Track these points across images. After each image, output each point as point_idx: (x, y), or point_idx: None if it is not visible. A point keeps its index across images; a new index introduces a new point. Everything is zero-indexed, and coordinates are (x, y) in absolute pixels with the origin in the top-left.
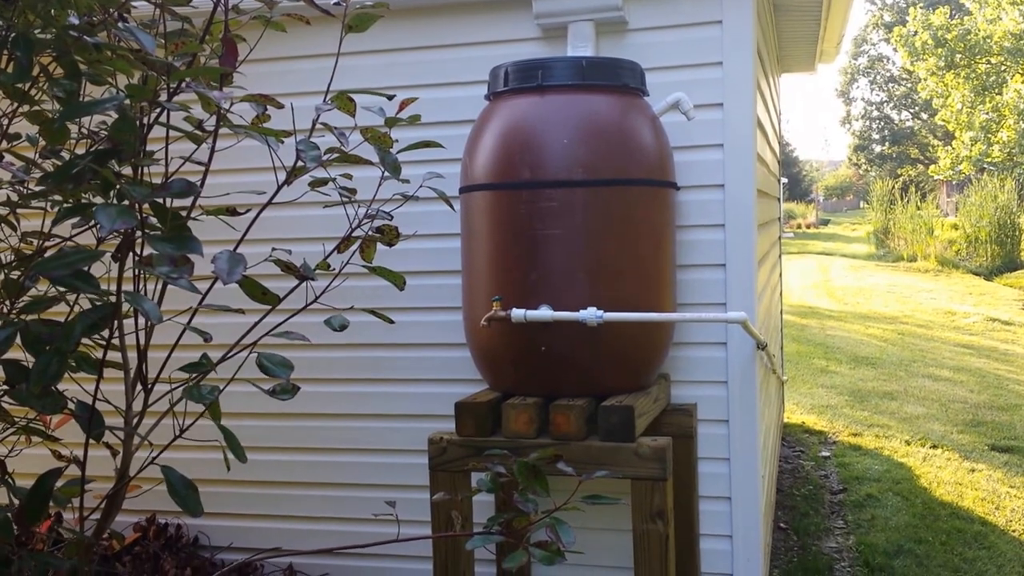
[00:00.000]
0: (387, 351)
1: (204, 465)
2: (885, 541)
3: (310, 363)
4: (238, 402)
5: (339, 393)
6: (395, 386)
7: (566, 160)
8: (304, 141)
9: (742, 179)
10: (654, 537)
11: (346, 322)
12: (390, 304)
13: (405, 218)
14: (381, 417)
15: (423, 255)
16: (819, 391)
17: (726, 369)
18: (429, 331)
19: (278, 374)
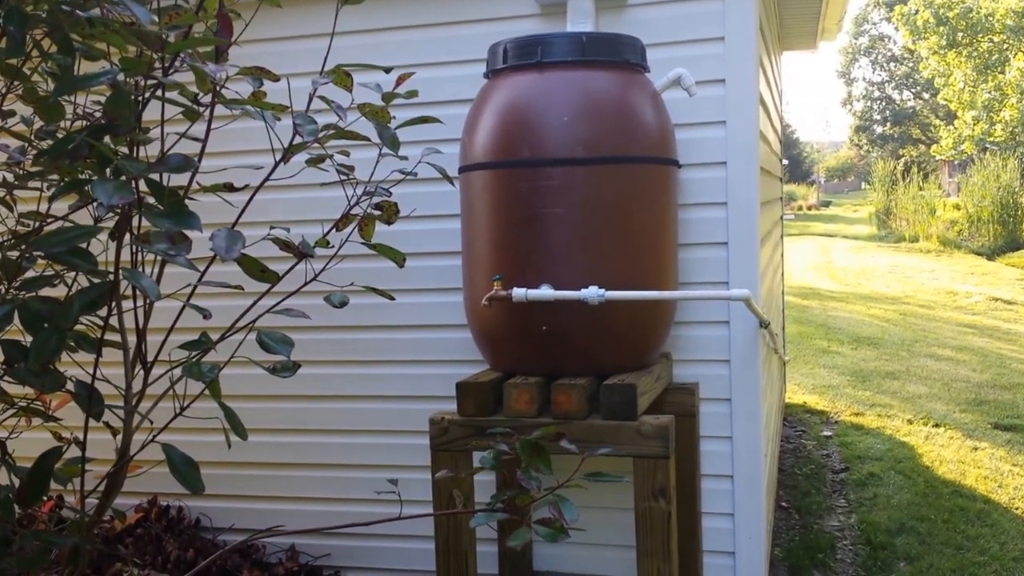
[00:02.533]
0: (387, 332)
1: (205, 447)
2: (887, 519)
3: (313, 345)
4: (239, 384)
5: (339, 375)
6: (395, 367)
7: (566, 138)
8: (301, 115)
9: (744, 157)
10: (656, 515)
11: (346, 299)
12: (391, 285)
13: (404, 198)
14: (382, 399)
15: (423, 236)
16: (821, 371)
17: (728, 348)
18: (430, 312)
19: (279, 351)
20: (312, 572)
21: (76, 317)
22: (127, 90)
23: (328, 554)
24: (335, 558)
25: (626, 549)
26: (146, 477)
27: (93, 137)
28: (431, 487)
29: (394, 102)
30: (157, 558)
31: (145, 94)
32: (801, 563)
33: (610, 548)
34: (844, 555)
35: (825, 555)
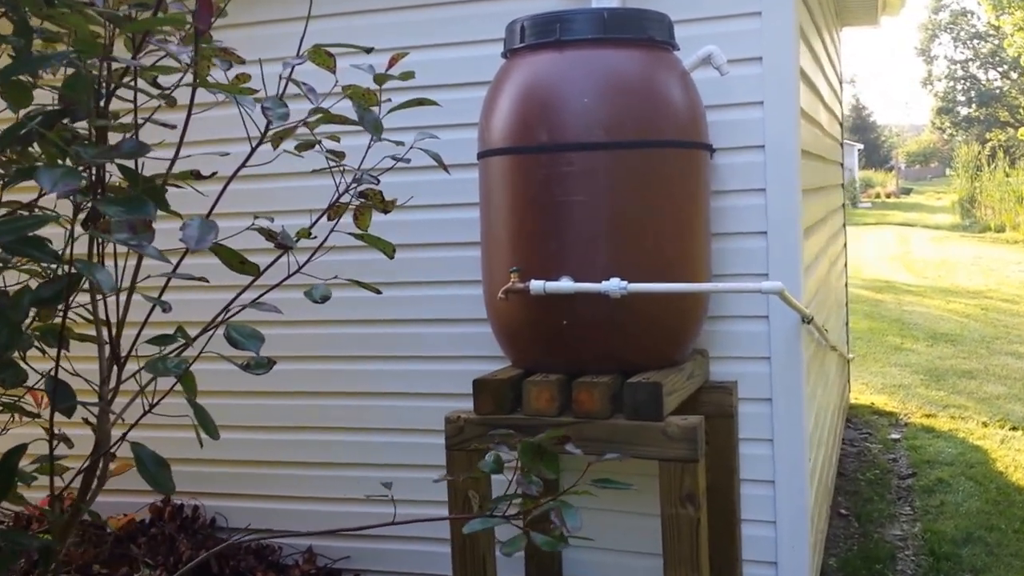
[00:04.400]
0: (405, 327)
1: (222, 446)
2: (954, 528)
3: (326, 340)
4: (256, 381)
5: (356, 371)
6: (416, 363)
7: (586, 121)
8: (271, 99)
9: (785, 138)
10: (684, 522)
11: (328, 293)
12: (401, 278)
13: (415, 186)
14: (402, 395)
15: (438, 226)
16: (892, 370)
17: (768, 344)
18: (447, 305)
19: (247, 347)
20: (330, 575)
21: (26, 310)
22: (85, 72)
23: (347, 556)
24: (355, 560)
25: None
26: None
27: (50, 122)
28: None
29: (409, 83)
30: (169, 558)
31: (108, 75)
32: (857, 574)
33: (645, 556)
34: (905, 566)
35: (884, 566)
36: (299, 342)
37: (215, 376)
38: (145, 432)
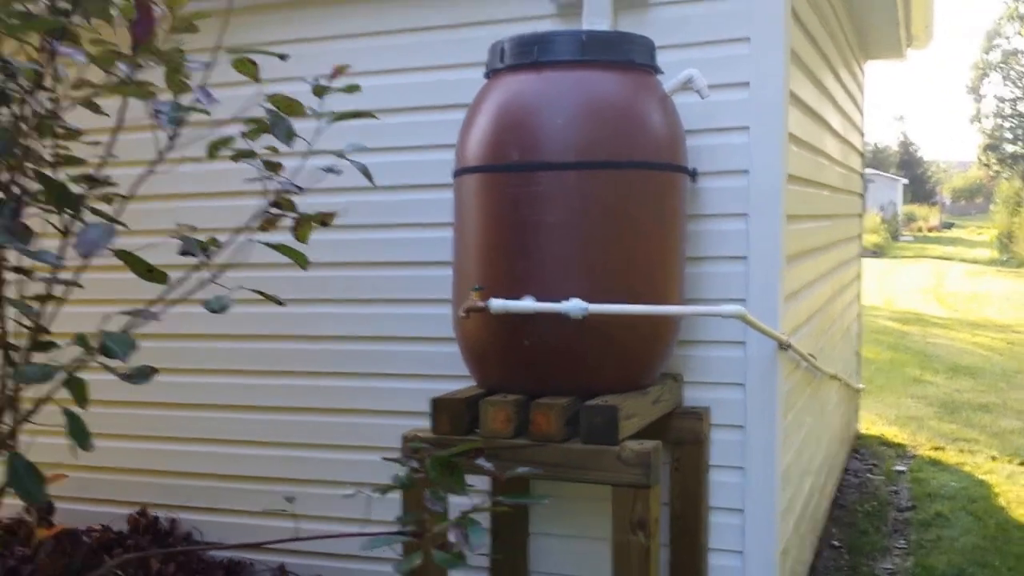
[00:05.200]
0: (378, 344)
1: (200, 458)
2: (946, 564)
3: (298, 355)
4: (231, 394)
5: (322, 387)
6: (388, 381)
7: (557, 141)
8: (168, 103)
9: (769, 164)
10: (634, 549)
11: (227, 304)
12: (372, 295)
13: (389, 206)
14: (366, 413)
15: (415, 245)
16: (907, 401)
17: (744, 370)
18: (418, 324)
19: (117, 353)
20: None
21: None
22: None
23: (318, 574)
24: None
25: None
26: (137, 487)
27: None
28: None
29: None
30: (139, 572)
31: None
32: None
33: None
34: None
35: None
36: (276, 357)
37: (199, 389)
38: (122, 443)
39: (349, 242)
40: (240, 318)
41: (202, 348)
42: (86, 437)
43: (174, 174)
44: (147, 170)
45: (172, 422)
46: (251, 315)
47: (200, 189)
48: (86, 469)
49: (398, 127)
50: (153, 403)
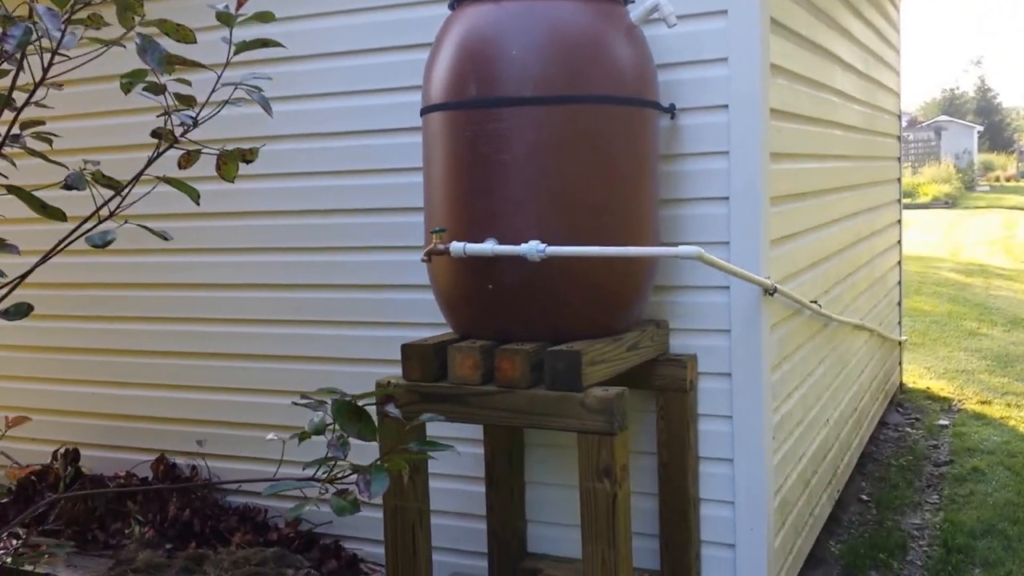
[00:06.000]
0: (349, 292)
1: (218, 407)
2: (976, 519)
3: (298, 304)
4: (247, 343)
5: (293, 335)
6: (371, 329)
7: (515, 75)
8: (21, 26)
9: (749, 98)
10: (600, 496)
11: (109, 239)
12: (353, 244)
13: (361, 151)
14: (354, 361)
15: (387, 191)
16: (960, 355)
17: (728, 316)
18: (394, 271)
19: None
20: (311, 539)
21: None
22: None
23: (330, 521)
24: (336, 526)
25: (636, 536)
26: (161, 435)
27: None
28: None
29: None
30: (157, 516)
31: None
32: (859, 562)
33: None
34: (915, 556)
35: (890, 555)
36: (296, 305)
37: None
38: (144, 391)
39: (318, 190)
40: (269, 266)
41: (219, 298)
42: None
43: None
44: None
45: (188, 371)
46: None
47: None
48: (112, 417)
49: (361, 69)
50: (172, 352)
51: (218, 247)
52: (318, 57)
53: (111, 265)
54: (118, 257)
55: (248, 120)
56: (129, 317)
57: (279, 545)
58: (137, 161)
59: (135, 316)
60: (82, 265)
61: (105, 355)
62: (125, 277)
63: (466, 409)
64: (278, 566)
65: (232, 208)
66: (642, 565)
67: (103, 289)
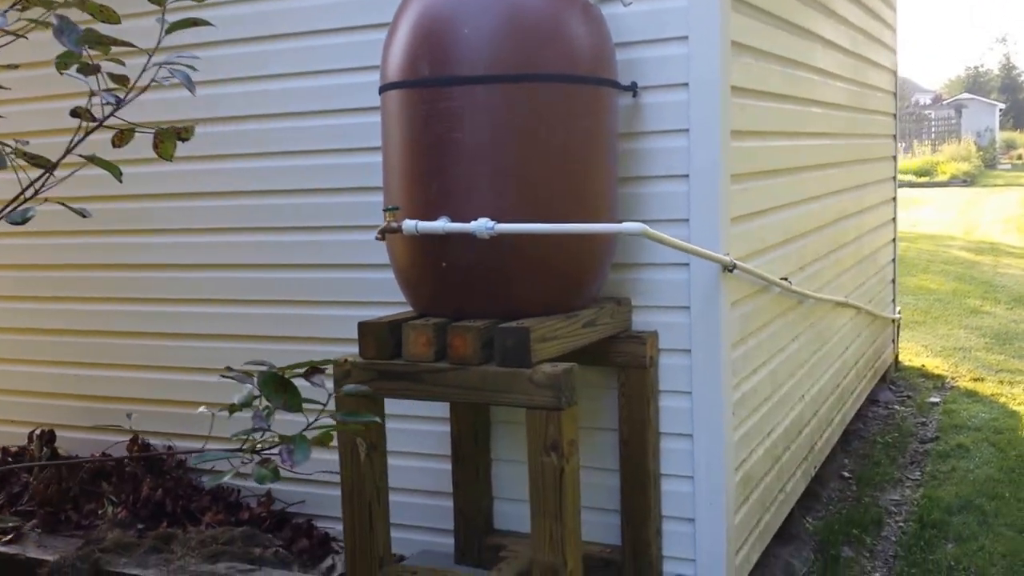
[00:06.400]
0: (312, 272)
1: (180, 387)
2: (954, 495)
3: (267, 284)
4: (210, 323)
5: (262, 315)
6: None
7: (467, 53)
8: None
9: (708, 75)
10: (548, 471)
11: (28, 216)
12: (325, 223)
13: (322, 132)
14: (310, 340)
15: (349, 171)
16: (959, 332)
17: (688, 293)
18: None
19: None
20: (283, 519)
21: None
22: None
23: (302, 501)
24: (308, 506)
25: (594, 511)
26: (137, 417)
27: None
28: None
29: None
30: (130, 496)
31: None
32: (833, 537)
33: (585, 510)
34: (890, 532)
35: (864, 531)
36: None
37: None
38: (121, 372)
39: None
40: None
41: (188, 278)
42: None
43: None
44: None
45: (160, 352)
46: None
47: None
48: (88, 399)
49: (321, 49)
50: (146, 333)
51: (186, 227)
52: (280, 37)
53: (84, 246)
54: (90, 238)
55: (209, 101)
56: (103, 298)
57: (250, 524)
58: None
59: (109, 297)
60: (53, 247)
61: (80, 336)
62: (98, 258)
63: (420, 386)
64: (245, 545)
65: (199, 189)
66: (603, 540)
67: (76, 270)
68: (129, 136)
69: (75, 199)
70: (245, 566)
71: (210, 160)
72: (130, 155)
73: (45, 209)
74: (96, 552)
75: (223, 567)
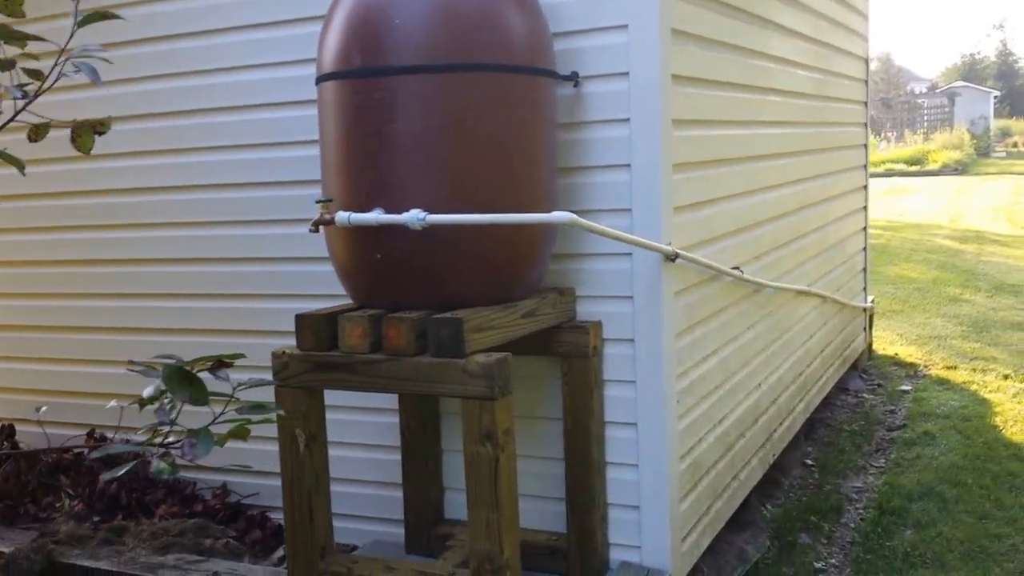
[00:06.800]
0: (257, 265)
1: (131, 381)
2: (916, 482)
3: (210, 278)
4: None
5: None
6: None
7: (399, 43)
8: None
9: (647, 64)
10: (483, 461)
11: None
12: (257, 217)
13: (264, 125)
14: (249, 333)
15: (292, 164)
16: (936, 321)
17: (631, 283)
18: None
19: None
20: (238, 510)
21: None
22: None
23: (256, 493)
24: (263, 498)
25: (540, 500)
26: (88, 410)
27: None
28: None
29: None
30: (86, 489)
31: None
32: (790, 524)
33: (531, 499)
34: (850, 519)
35: (823, 517)
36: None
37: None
38: (76, 367)
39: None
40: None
41: (131, 273)
42: None
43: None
44: None
45: (111, 347)
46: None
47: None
48: (47, 393)
49: (257, 43)
50: (98, 328)
51: (129, 223)
52: (224, 31)
53: (37, 243)
54: (43, 235)
55: (143, 97)
56: (57, 294)
57: (204, 516)
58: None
59: (64, 293)
60: (7, 244)
61: (37, 332)
62: (52, 255)
63: (356, 377)
64: (196, 536)
65: (141, 184)
66: (550, 528)
67: (31, 267)
68: (44, 131)
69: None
70: (194, 557)
71: (151, 156)
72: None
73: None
74: (50, 544)
75: (172, 558)
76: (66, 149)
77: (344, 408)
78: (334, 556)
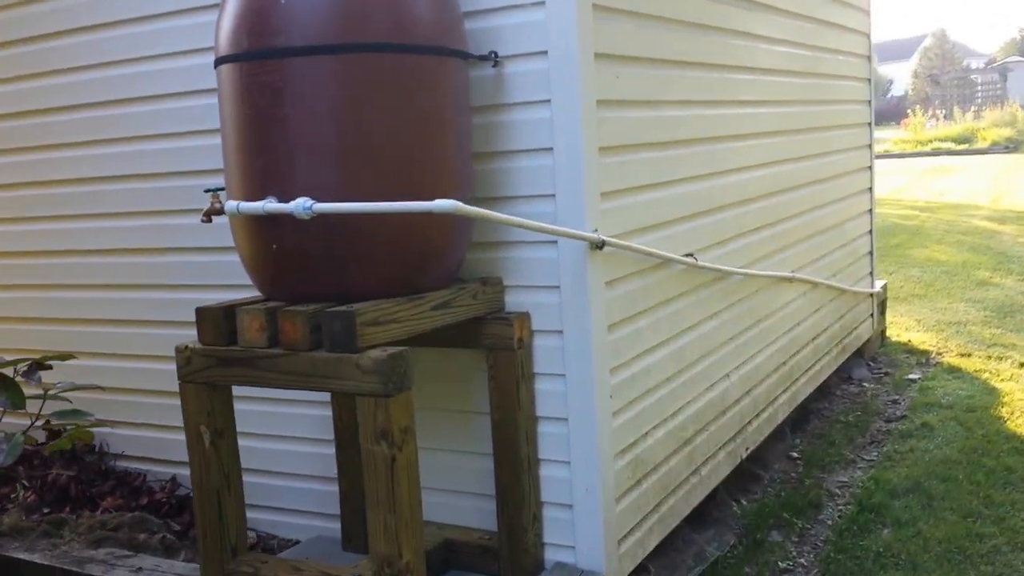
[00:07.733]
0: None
1: (107, 372)
2: (903, 477)
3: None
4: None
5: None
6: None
7: (286, 24)
8: None
9: (567, 42)
10: (379, 460)
11: None
12: (170, 207)
13: (169, 114)
14: (162, 324)
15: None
16: (959, 305)
17: (558, 272)
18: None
19: None
20: (184, 503)
21: None
22: None
23: None
24: None
25: (471, 496)
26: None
27: None
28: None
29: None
30: (39, 481)
31: None
32: (762, 522)
33: (466, 496)
34: (828, 515)
35: (798, 514)
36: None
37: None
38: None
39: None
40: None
41: (46, 264)
42: None
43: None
44: None
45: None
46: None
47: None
48: None
49: (155, 33)
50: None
51: (50, 215)
52: (123, 23)
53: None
54: None
55: (44, 91)
56: None
57: (149, 510)
58: None
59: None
60: None
61: None
62: None
63: (256, 373)
64: (133, 530)
65: (49, 177)
66: (482, 526)
67: None
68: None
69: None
70: (124, 552)
71: (52, 150)
72: None
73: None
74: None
75: (103, 552)
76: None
77: (285, 401)
78: (244, 555)
